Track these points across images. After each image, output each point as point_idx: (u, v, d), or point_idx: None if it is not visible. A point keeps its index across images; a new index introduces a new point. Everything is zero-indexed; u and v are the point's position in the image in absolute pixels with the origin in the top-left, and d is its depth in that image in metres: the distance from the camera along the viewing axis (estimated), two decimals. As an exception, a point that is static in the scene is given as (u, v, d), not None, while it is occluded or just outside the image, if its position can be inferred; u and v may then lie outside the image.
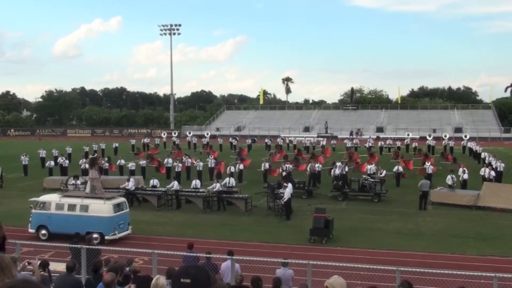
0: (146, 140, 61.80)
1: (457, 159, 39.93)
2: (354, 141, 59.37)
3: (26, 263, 9.21)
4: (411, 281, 9.09)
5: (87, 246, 12.13)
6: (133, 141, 59.44)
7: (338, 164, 33.08)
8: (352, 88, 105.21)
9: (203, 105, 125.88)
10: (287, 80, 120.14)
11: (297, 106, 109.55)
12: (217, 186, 26.18)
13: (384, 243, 19.60)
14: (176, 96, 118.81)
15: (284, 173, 31.75)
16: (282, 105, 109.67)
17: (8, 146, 66.50)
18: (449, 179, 29.24)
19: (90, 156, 29.23)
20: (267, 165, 35.35)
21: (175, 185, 27.24)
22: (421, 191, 25.91)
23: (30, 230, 20.50)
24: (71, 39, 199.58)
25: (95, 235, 18.75)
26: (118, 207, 20.23)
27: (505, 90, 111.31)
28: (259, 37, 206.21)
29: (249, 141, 60.60)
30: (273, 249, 18.58)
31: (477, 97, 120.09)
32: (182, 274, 3.83)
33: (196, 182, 27.83)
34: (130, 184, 27.24)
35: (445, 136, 64.53)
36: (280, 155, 43.67)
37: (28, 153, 41.83)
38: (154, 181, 28.58)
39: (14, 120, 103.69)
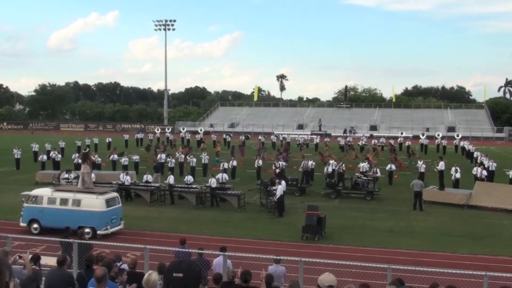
0: (140, 136, 61.60)
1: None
2: (348, 139, 59.45)
3: (17, 257, 9.17)
4: (403, 279, 9.13)
5: (79, 241, 12.08)
6: (126, 136, 59.14)
7: (332, 162, 33.12)
8: (346, 86, 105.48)
9: (197, 101, 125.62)
10: (281, 77, 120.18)
11: (291, 104, 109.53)
12: (211, 181, 26.13)
13: (376, 241, 19.66)
14: (170, 92, 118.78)
15: (277, 170, 31.76)
16: (276, 102, 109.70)
17: (0, 139, 66.09)
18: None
19: (83, 151, 29.09)
20: (260, 162, 35.35)
21: (170, 179, 27.22)
22: (413, 191, 25.89)
23: (22, 224, 20.39)
24: (66, 33, 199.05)
25: (87, 230, 18.70)
26: (110, 202, 20.18)
27: (499, 90, 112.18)
28: (255, 33, 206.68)
29: (242, 137, 60.51)
30: (265, 245, 18.59)
31: (471, 97, 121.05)
32: (175, 268, 3.82)
33: (189, 178, 27.81)
34: (128, 179, 27.22)
35: (438, 135, 64.81)
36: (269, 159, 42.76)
37: (21, 146, 41.59)
38: (148, 177, 28.50)
39: (6, 113, 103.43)
